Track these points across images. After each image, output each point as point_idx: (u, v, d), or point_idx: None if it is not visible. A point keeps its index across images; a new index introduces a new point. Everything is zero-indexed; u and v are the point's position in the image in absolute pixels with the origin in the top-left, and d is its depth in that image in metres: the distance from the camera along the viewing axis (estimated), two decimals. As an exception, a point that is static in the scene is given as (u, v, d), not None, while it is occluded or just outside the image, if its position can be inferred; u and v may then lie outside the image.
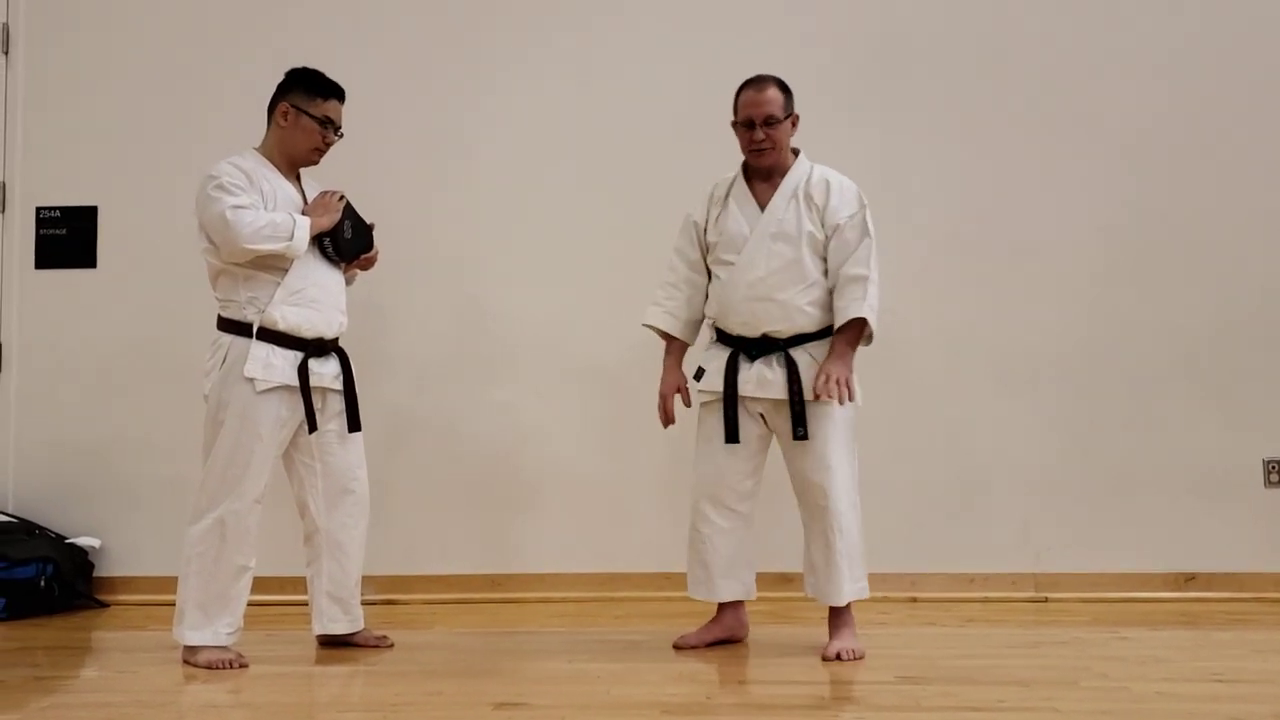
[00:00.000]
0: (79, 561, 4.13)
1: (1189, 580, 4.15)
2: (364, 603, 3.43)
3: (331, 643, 3.37)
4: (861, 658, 3.16)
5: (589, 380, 4.26)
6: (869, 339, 3.28)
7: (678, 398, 3.37)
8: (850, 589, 3.24)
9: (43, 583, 3.94)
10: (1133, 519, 4.18)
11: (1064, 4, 4.33)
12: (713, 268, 3.33)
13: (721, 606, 3.36)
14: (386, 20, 4.36)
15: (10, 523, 4.11)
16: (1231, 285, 4.25)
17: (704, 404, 3.32)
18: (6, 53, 4.34)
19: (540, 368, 4.28)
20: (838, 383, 3.14)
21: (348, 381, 3.33)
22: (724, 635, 3.35)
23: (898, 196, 4.22)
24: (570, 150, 4.33)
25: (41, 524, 4.18)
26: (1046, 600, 4.11)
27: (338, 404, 3.32)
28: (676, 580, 4.06)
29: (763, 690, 2.87)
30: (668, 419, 3.38)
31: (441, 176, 4.33)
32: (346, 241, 3.32)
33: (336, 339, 3.33)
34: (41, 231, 4.33)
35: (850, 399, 3.18)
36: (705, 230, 3.34)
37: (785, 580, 3.98)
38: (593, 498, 4.23)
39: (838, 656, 3.15)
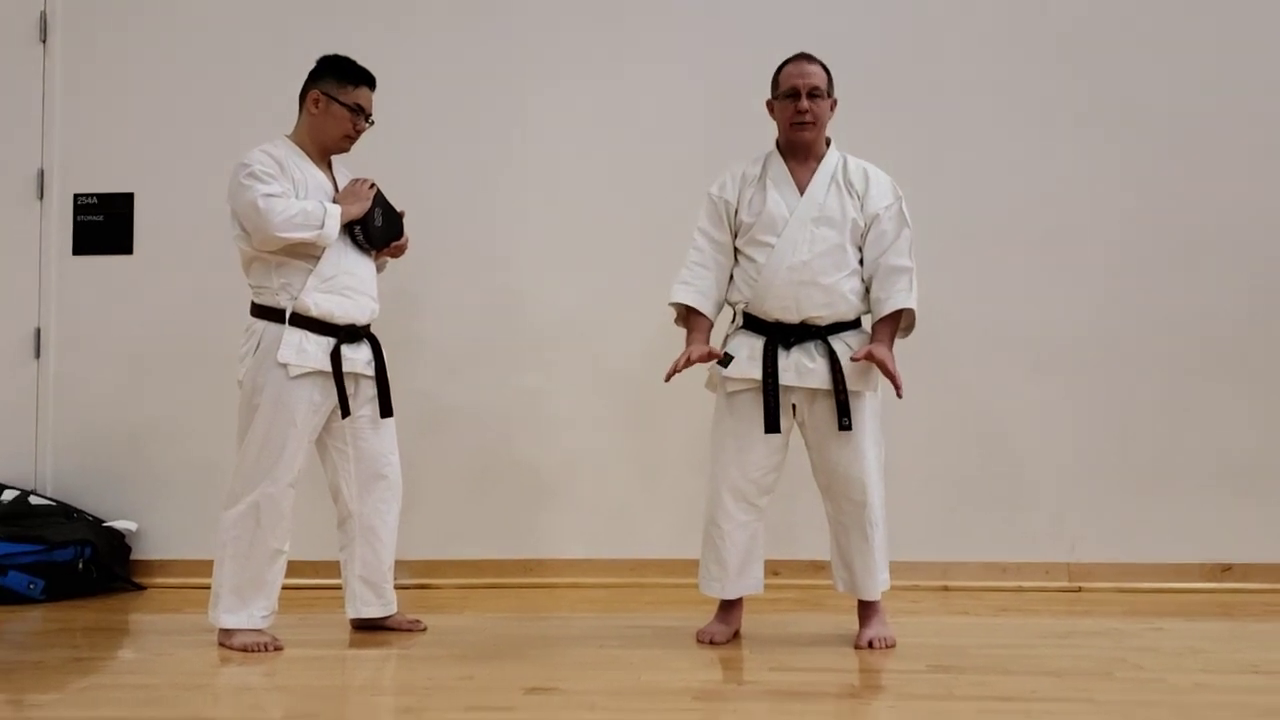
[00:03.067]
0: (116, 544, 4.18)
1: (1225, 571, 4.10)
2: (397, 587, 3.45)
3: (365, 626, 3.40)
4: (893, 646, 3.14)
5: (620, 366, 4.25)
6: (909, 330, 3.26)
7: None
8: (883, 580, 3.23)
9: (81, 565, 3.99)
10: (1168, 508, 4.14)
11: (1099, -12, 4.28)
12: (745, 249, 3.24)
13: (730, 600, 3.32)
14: (420, 8, 4.36)
15: (49, 506, 4.17)
16: (1269, 272, 4.19)
17: (731, 393, 3.24)
18: (44, 41, 4.37)
19: (571, 354, 4.28)
20: (883, 363, 3.10)
21: (380, 367, 3.35)
22: (737, 626, 3.32)
23: (930, 185, 4.16)
24: (601, 141, 4.32)
25: (79, 507, 4.23)
26: (1080, 590, 4.08)
27: (370, 389, 3.34)
28: (707, 567, 4.08)
29: (794, 678, 2.86)
30: (691, 360, 3.16)
31: (474, 165, 4.33)
32: (377, 229, 3.33)
33: (368, 325, 3.35)
34: (79, 218, 4.37)
35: (899, 384, 3.12)
36: (737, 211, 3.27)
37: (816, 568, 3.97)
38: (624, 484, 4.24)
39: (870, 645, 3.14)
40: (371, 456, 3.35)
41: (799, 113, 3.19)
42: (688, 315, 3.28)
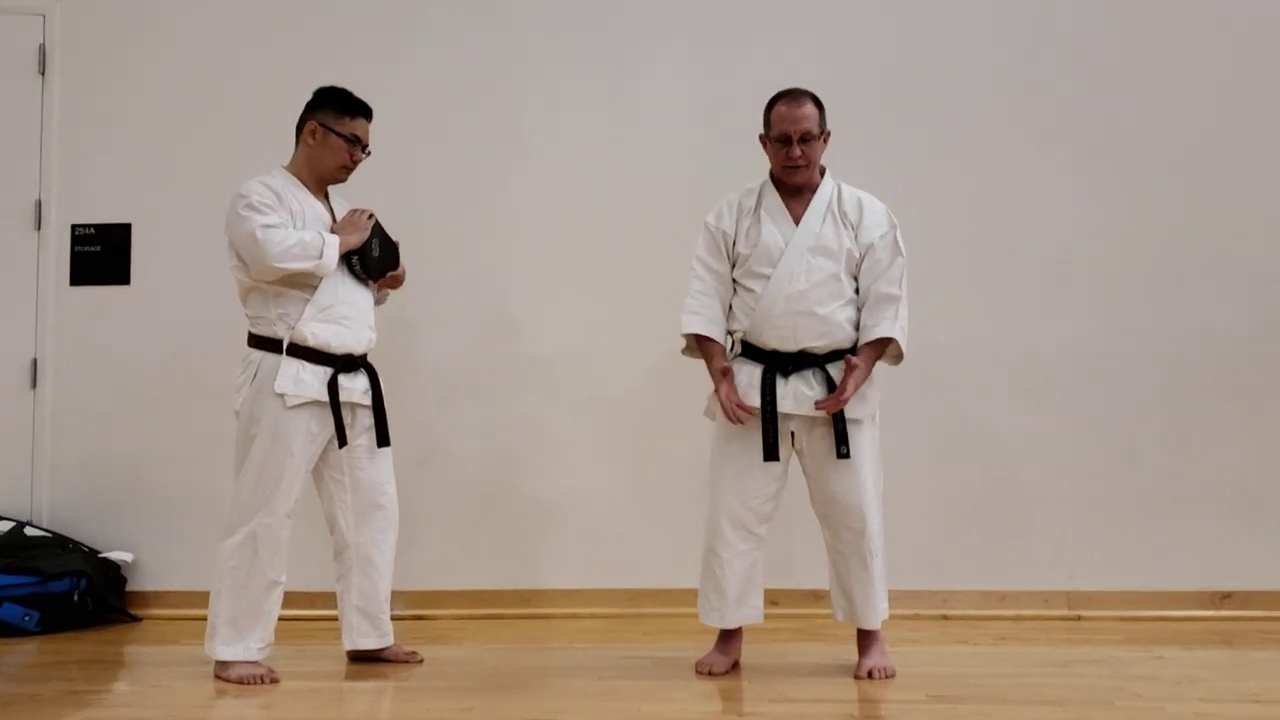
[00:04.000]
0: (112, 575, 4.16)
1: (1225, 598, 4.09)
2: (394, 618, 3.43)
3: (362, 658, 3.38)
4: (893, 676, 3.13)
5: (617, 395, 4.25)
6: (898, 359, 3.26)
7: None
8: (883, 610, 3.22)
9: (76, 597, 3.97)
10: (1167, 535, 4.13)
11: (1090, 12, 4.30)
12: (742, 281, 3.26)
13: (729, 630, 3.30)
14: (416, 39, 4.39)
15: (44, 537, 4.15)
16: (1269, 296, 4.20)
17: (729, 421, 3.23)
18: (43, 73, 4.39)
19: (568, 383, 4.28)
20: (845, 381, 3.11)
21: (376, 397, 3.35)
22: (736, 656, 3.31)
23: (926, 210, 4.19)
24: (599, 168, 4.33)
25: (75, 538, 4.21)
26: (1080, 618, 4.06)
27: (367, 419, 3.34)
28: (705, 596, 4.06)
29: (793, 709, 2.85)
30: (741, 413, 3.17)
31: (469, 193, 4.34)
32: (374, 259, 3.34)
33: (365, 355, 3.35)
34: (76, 249, 4.37)
35: (836, 402, 3.12)
36: (735, 242, 3.28)
37: (814, 597, 3.96)
38: (622, 513, 4.23)
39: (869, 675, 3.13)
40: (368, 486, 3.34)
41: (790, 159, 3.21)
42: (700, 344, 3.29)
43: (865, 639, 3.23)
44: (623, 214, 4.29)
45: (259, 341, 3.22)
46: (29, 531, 4.14)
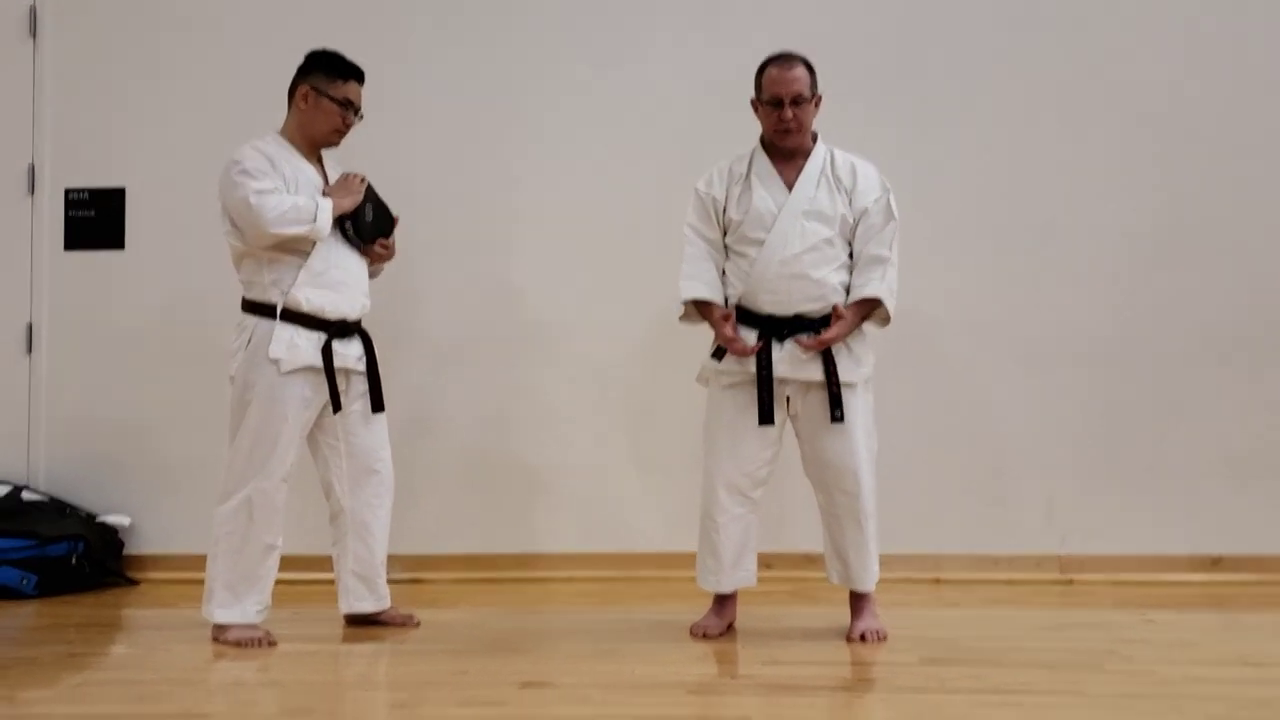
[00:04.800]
0: (109, 539, 4.18)
1: (1216, 563, 4.12)
2: (390, 581, 3.45)
3: (358, 621, 3.40)
4: (885, 639, 3.16)
5: (614, 362, 4.26)
6: (885, 321, 3.26)
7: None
8: (875, 572, 3.24)
9: (74, 560, 3.99)
10: (1159, 501, 4.15)
11: (1093, -19, 4.29)
12: (735, 247, 3.25)
13: (724, 594, 3.33)
14: (419, 7, 4.35)
15: (41, 501, 4.16)
16: (1259, 267, 4.20)
17: (725, 385, 3.25)
18: (34, 36, 4.35)
19: (565, 349, 4.28)
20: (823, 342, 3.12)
21: (371, 362, 3.35)
22: (731, 619, 3.33)
23: (924, 182, 4.18)
24: (596, 136, 4.31)
25: (72, 502, 4.23)
26: (1072, 582, 4.09)
27: (361, 385, 3.34)
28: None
29: (786, 671, 2.87)
30: (746, 346, 3.16)
31: (467, 159, 4.33)
32: (367, 224, 3.33)
33: (359, 320, 3.35)
34: (70, 213, 4.36)
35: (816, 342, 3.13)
36: (725, 208, 3.28)
37: (808, 560, 3.98)
38: (617, 478, 4.24)
39: (862, 638, 3.15)
40: (363, 452, 3.35)
41: (782, 121, 3.20)
42: (701, 308, 3.28)
43: (857, 602, 3.26)
44: (620, 182, 4.28)
45: (253, 307, 3.22)
46: (26, 496, 4.15)
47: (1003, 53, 4.28)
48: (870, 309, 3.22)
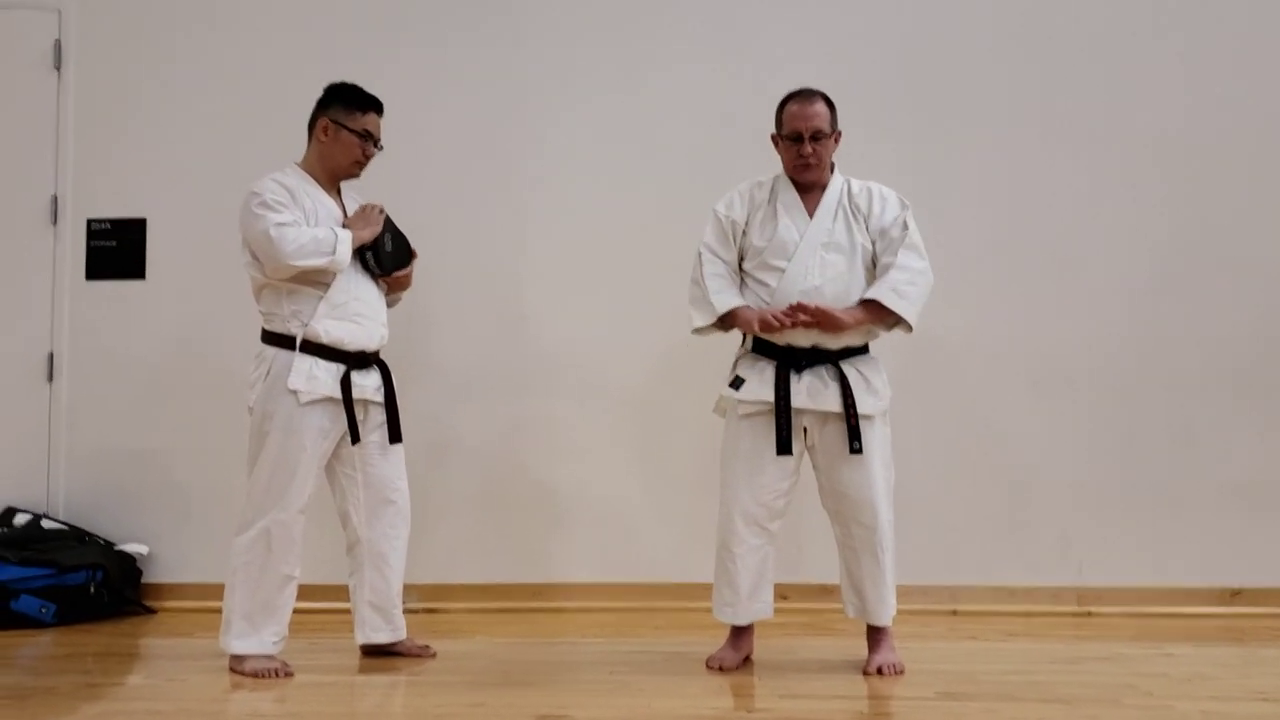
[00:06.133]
0: (128, 568, 4.19)
1: (1235, 595, 4.09)
2: (406, 611, 3.45)
3: (374, 652, 3.41)
4: (902, 672, 3.15)
5: (629, 391, 4.27)
6: (897, 326, 3.24)
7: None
8: (893, 605, 3.24)
9: (92, 589, 4.01)
10: (1177, 532, 4.13)
11: (1108, 9, 4.29)
12: (754, 273, 3.26)
13: (741, 626, 3.32)
14: (429, 35, 4.40)
15: (61, 529, 4.19)
16: (1276, 294, 4.19)
17: (743, 415, 3.25)
18: (58, 69, 4.42)
19: (580, 378, 4.29)
20: (813, 312, 3.09)
21: (389, 393, 3.36)
22: (748, 651, 3.33)
23: (936, 206, 4.19)
24: (610, 164, 4.34)
25: (91, 531, 4.26)
26: (1089, 614, 4.07)
27: (379, 415, 3.36)
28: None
29: (804, 705, 2.86)
30: (780, 315, 3.11)
31: (483, 190, 4.36)
32: (387, 254, 3.35)
33: (378, 351, 3.37)
34: (92, 243, 4.40)
35: (789, 321, 3.09)
36: (745, 232, 3.29)
37: (825, 592, 3.97)
38: (633, 508, 4.25)
39: (879, 671, 3.14)
40: (380, 482, 3.37)
41: (801, 156, 3.22)
42: (731, 317, 3.24)
43: (875, 635, 3.25)
44: (634, 209, 4.30)
45: (272, 338, 3.24)
46: (46, 524, 4.18)
47: (1015, 77, 4.30)
48: (877, 314, 3.20)
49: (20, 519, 4.17)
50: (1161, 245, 4.24)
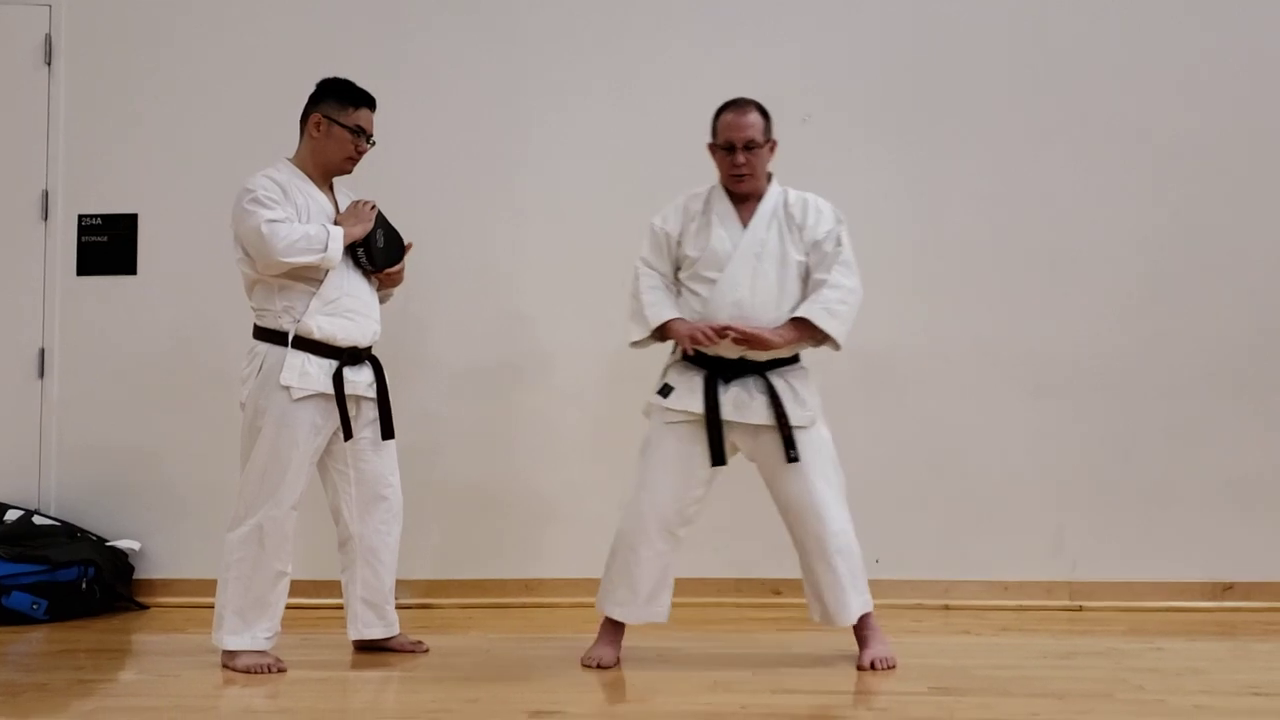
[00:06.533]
0: (119, 564, 4.18)
1: (1227, 590, 4.11)
2: (399, 607, 3.46)
3: (367, 647, 3.40)
4: (894, 666, 3.15)
5: (621, 386, 4.24)
6: (824, 343, 3.22)
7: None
8: (856, 605, 3.21)
9: (84, 585, 4.00)
10: (1169, 527, 4.14)
11: (1100, 11, 4.29)
12: (688, 284, 3.27)
13: (615, 621, 3.30)
14: (422, 30, 4.39)
15: (52, 526, 4.18)
16: (1268, 292, 4.21)
17: (668, 423, 3.25)
18: (49, 64, 4.40)
19: (572, 376, 4.29)
20: (742, 333, 3.08)
21: (381, 389, 3.36)
22: (618, 649, 3.29)
23: (933, 206, 4.22)
24: (604, 162, 4.33)
25: (83, 527, 4.24)
26: (1081, 609, 4.08)
27: (371, 411, 3.35)
28: (712, 586, 4.09)
29: (797, 700, 2.87)
30: (711, 331, 3.12)
31: (474, 184, 4.35)
32: (379, 250, 3.35)
33: (370, 347, 3.36)
34: (83, 239, 4.39)
35: (719, 338, 3.09)
36: (679, 243, 3.29)
37: (818, 587, 3.97)
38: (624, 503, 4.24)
39: (871, 665, 3.15)
40: (372, 478, 3.36)
41: (735, 166, 3.22)
42: (665, 329, 3.26)
43: (863, 630, 3.24)
44: (629, 209, 4.27)
45: (264, 334, 3.23)
46: (37, 520, 4.17)
47: (1011, 80, 4.29)
48: (805, 331, 3.18)
49: (11, 515, 4.16)
50: (1158, 243, 4.24)
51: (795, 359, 3.27)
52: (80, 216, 4.39)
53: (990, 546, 4.17)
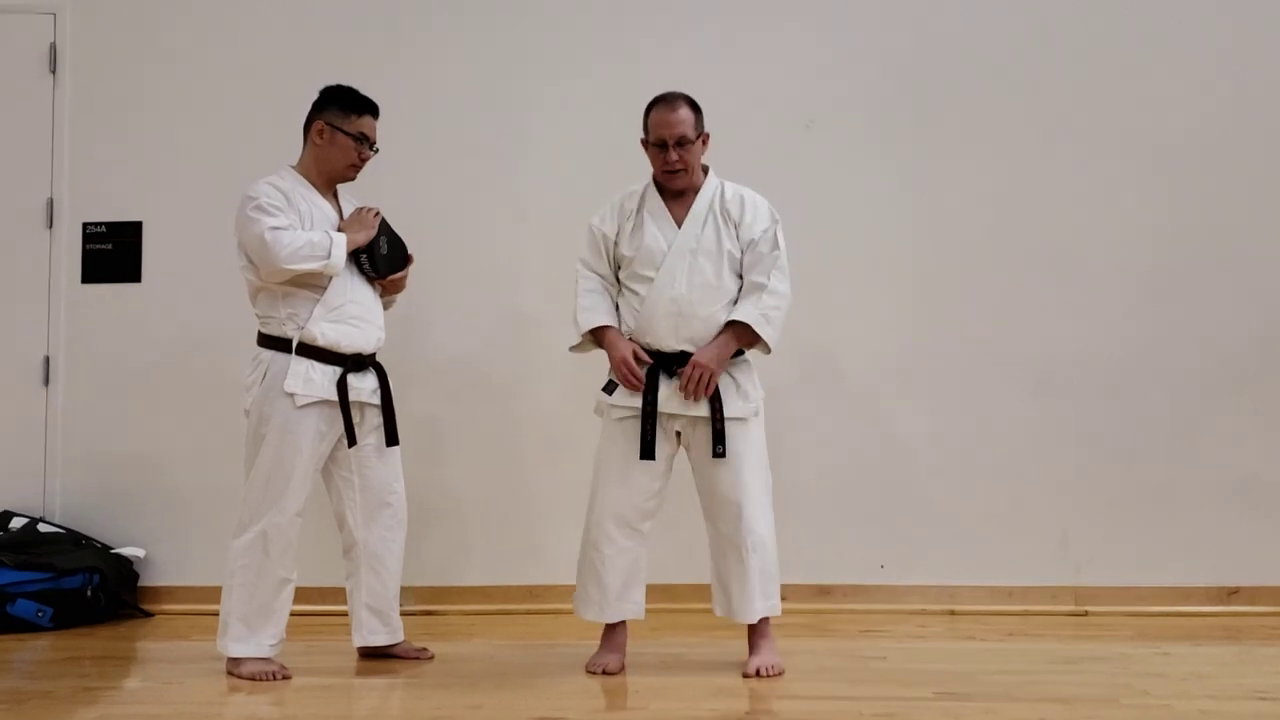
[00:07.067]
0: (124, 571, 4.19)
1: (1232, 594, 4.10)
2: (403, 613, 3.46)
3: (372, 654, 3.40)
4: (781, 674, 3.13)
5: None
6: (752, 344, 3.23)
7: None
8: (761, 606, 3.20)
9: (89, 592, 4.00)
10: (1175, 531, 4.14)
11: (1104, 10, 4.29)
12: (627, 283, 3.27)
13: (613, 625, 3.31)
14: (423, 37, 4.40)
15: (57, 533, 4.18)
16: (1273, 291, 4.20)
17: (617, 419, 3.26)
18: (54, 72, 4.41)
19: (574, 381, 4.27)
20: (699, 381, 3.12)
21: (385, 396, 3.36)
22: (624, 651, 3.30)
23: (935, 208, 4.21)
24: (606, 164, 4.32)
25: (88, 534, 4.25)
26: (1087, 614, 4.07)
27: (375, 418, 3.36)
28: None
29: (802, 706, 2.86)
30: (635, 376, 3.18)
31: (478, 190, 4.36)
32: (382, 257, 3.35)
33: (374, 354, 3.37)
34: (88, 246, 4.40)
35: (705, 395, 3.13)
36: (616, 244, 3.30)
37: (823, 592, 3.97)
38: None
39: (757, 673, 3.12)
40: (377, 485, 3.36)
41: (668, 163, 3.23)
42: (600, 335, 3.28)
43: (754, 635, 3.22)
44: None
45: (268, 341, 3.24)
46: (42, 528, 4.17)
47: (1012, 82, 4.29)
48: (742, 335, 3.19)
49: (17, 522, 4.17)
50: (1163, 245, 4.24)
51: (740, 352, 3.26)
52: (85, 224, 4.40)
53: (995, 552, 4.16)
